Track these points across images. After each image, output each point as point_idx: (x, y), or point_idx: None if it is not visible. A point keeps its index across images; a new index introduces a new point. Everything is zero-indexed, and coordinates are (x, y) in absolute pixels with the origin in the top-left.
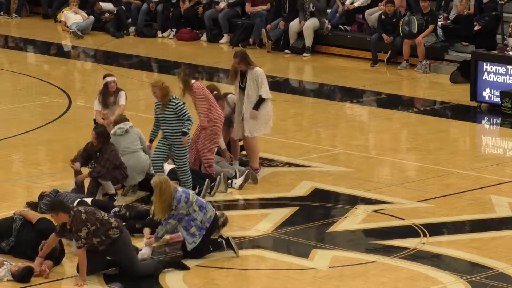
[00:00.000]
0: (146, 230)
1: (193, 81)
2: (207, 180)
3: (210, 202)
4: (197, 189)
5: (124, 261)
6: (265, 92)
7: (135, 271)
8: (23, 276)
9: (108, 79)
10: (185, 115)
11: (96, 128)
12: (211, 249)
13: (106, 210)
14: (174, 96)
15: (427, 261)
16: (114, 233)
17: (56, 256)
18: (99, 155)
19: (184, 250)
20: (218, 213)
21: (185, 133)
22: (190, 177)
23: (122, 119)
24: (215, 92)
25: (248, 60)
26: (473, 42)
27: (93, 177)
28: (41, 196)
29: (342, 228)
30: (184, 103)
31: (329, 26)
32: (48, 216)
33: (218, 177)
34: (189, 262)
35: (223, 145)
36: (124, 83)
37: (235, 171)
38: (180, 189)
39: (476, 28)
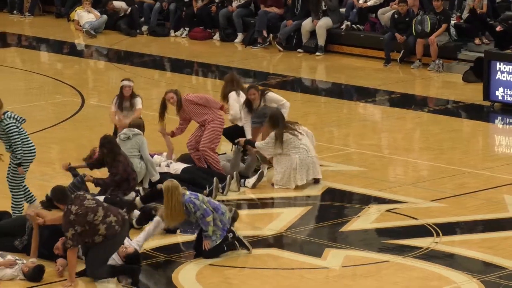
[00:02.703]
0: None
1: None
2: (214, 179)
3: (223, 201)
4: (207, 189)
5: (92, 260)
6: (263, 149)
7: (92, 274)
8: (34, 274)
9: (124, 83)
10: (14, 141)
11: (101, 139)
12: (225, 249)
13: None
14: (10, 115)
15: (440, 261)
16: (98, 239)
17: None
18: (108, 166)
19: (196, 249)
20: (228, 208)
21: (19, 164)
22: (21, 202)
23: (136, 123)
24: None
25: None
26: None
27: (97, 185)
28: (47, 195)
29: (355, 228)
30: (13, 126)
31: (349, 23)
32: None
33: (228, 176)
34: (202, 261)
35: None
36: (136, 82)
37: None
38: (187, 192)
39: (497, 29)
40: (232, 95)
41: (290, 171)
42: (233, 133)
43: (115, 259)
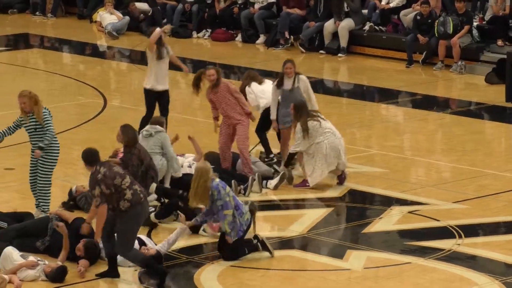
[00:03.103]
0: (182, 216)
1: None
2: (233, 181)
3: (246, 203)
4: None
5: (121, 236)
6: (295, 147)
7: (121, 251)
8: (56, 276)
9: (159, 29)
10: (47, 127)
11: (121, 127)
12: (246, 252)
13: None
14: (45, 107)
15: (462, 263)
16: (124, 205)
17: (94, 256)
18: (125, 159)
19: (220, 250)
20: (244, 201)
21: (41, 148)
22: (49, 200)
23: (157, 121)
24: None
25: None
26: None
27: None
28: (70, 192)
29: (377, 229)
30: (49, 116)
31: (372, 24)
32: (84, 216)
33: (250, 177)
34: (224, 263)
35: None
36: None
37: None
38: (217, 179)
39: None
40: (246, 89)
41: (322, 157)
42: (264, 127)
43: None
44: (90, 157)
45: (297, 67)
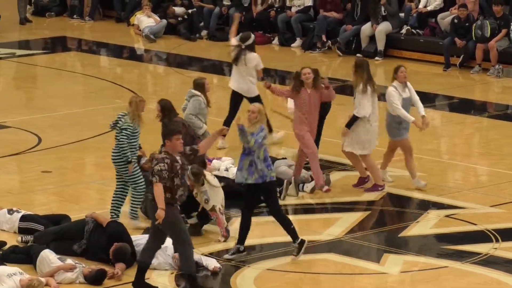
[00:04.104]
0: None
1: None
2: None
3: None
4: None
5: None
6: (359, 111)
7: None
8: (96, 278)
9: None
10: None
11: (159, 101)
12: (292, 226)
13: None
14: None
15: (500, 267)
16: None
17: (128, 259)
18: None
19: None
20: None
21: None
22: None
23: (197, 83)
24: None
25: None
26: None
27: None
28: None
29: (414, 233)
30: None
31: (409, 28)
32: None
33: (286, 180)
34: (260, 266)
35: None
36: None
37: (310, 176)
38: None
39: None
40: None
41: (362, 140)
42: None
43: (172, 264)
44: (165, 129)
45: (332, 71)
